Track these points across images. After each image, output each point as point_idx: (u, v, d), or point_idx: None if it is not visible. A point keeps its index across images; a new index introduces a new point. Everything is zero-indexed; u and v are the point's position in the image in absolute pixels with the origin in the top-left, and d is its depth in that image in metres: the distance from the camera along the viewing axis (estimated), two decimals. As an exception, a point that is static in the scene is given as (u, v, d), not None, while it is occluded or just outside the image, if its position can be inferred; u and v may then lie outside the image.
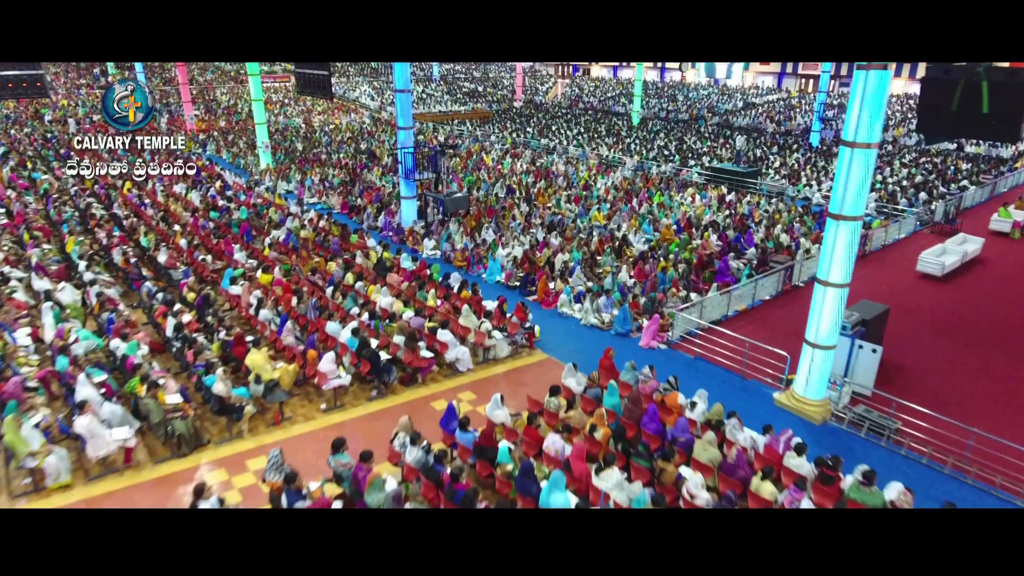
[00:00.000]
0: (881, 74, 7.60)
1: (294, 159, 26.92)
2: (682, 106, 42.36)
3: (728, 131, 35.45)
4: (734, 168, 22.56)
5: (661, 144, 30.50)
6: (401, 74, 15.76)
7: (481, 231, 16.57)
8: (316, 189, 21.36)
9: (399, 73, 15.76)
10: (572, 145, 30.75)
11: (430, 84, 52.11)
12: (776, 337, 11.41)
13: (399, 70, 15.74)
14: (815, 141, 30.80)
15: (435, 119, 39.92)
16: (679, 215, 18.25)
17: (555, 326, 11.96)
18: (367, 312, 10.20)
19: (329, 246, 14.23)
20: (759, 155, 27.83)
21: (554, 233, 16.07)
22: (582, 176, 23.72)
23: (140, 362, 8.05)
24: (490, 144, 31.02)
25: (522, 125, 37.61)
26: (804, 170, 24.80)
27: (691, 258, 14.85)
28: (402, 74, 15.75)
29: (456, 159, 26.51)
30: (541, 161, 26.67)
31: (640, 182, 22.69)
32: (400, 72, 15.74)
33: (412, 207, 17.05)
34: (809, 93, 45.74)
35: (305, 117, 38.20)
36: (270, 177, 23.33)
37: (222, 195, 18.69)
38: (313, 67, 19.58)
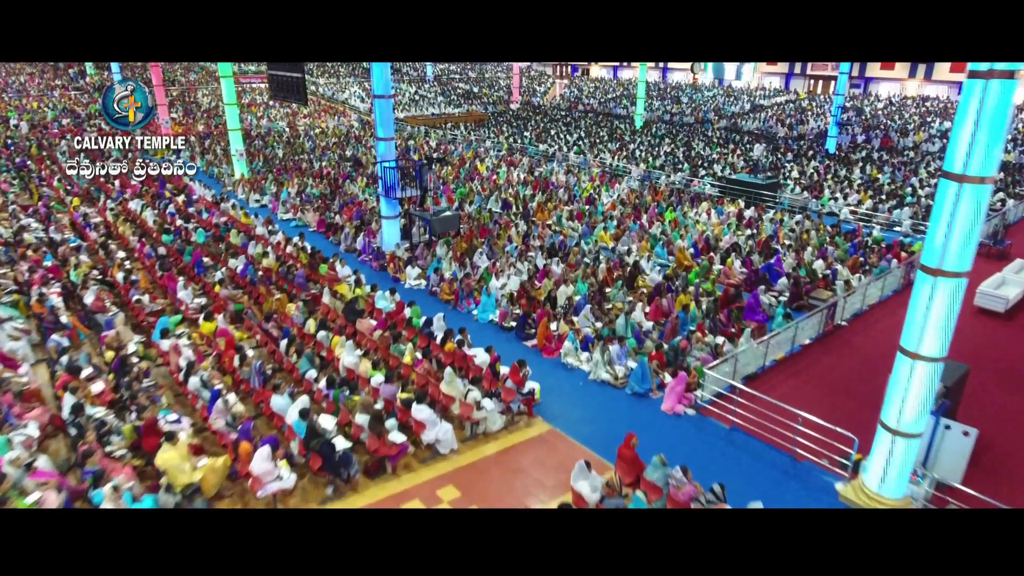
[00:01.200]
0: (1006, 85, 5.59)
1: (273, 167, 24.85)
2: (687, 108, 40.38)
3: (737, 135, 33.48)
4: (750, 179, 20.57)
5: (667, 150, 28.52)
6: (380, 77, 13.71)
7: (473, 256, 14.55)
8: (291, 203, 19.31)
9: (378, 76, 13.72)
10: (572, 151, 28.75)
11: (423, 85, 50.05)
12: (826, 396, 9.48)
13: (378, 72, 13.70)
14: (831, 147, 28.84)
15: (427, 122, 37.88)
16: (695, 235, 16.25)
17: (558, 382, 9.96)
18: (326, 378, 8.15)
19: (294, 279, 12.18)
20: (772, 163, 25.85)
21: (555, 259, 14.05)
22: (584, 187, 21.71)
23: (6, 470, 5.99)
24: (485, 151, 28.99)
25: (519, 129, 35.58)
26: (825, 180, 22.84)
27: (714, 291, 12.86)
28: (382, 77, 13.71)
29: (447, 167, 24.50)
30: (540, 170, 24.66)
31: (648, 195, 20.69)
32: (379, 74, 13.70)
33: (394, 228, 15.01)
34: (819, 95, 43.84)
35: (290, 120, 36.10)
36: (243, 189, 21.27)
37: (182, 213, 16.58)
38: (286, 68, 17.56)
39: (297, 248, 13.73)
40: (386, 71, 13.65)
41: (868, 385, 9.70)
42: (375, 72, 13.69)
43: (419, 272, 13.76)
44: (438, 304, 12.71)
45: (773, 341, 10.38)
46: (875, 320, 12.36)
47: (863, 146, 30.21)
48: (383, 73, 13.66)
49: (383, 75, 13.68)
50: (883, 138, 30.39)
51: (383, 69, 13.63)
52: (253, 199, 20.41)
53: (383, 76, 13.69)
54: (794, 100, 42.09)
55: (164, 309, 10.88)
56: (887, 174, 23.63)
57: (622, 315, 11.26)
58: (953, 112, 34.62)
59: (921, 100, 38.68)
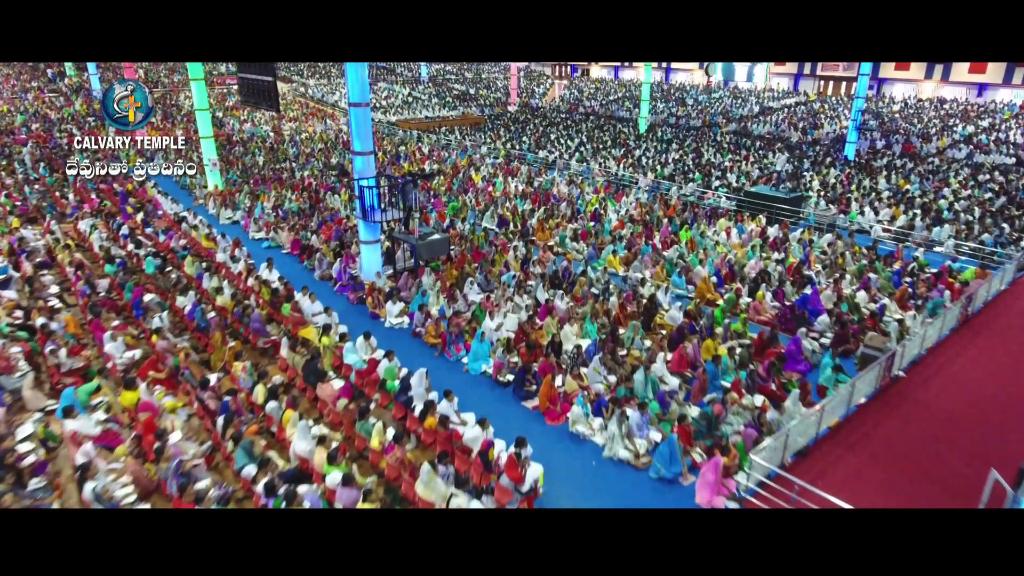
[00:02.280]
0: None
1: (250, 177, 22.95)
2: (692, 111, 38.53)
3: (747, 139, 31.63)
4: (771, 192, 18.70)
5: (676, 157, 26.65)
6: (356, 81, 11.82)
7: (464, 286, 12.69)
8: (265, 220, 17.41)
9: (353, 80, 11.83)
10: (574, 158, 26.87)
11: (417, 86, 48.16)
12: (896, 479, 7.64)
13: (353, 75, 11.81)
14: (850, 153, 27.01)
15: (421, 126, 35.98)
16: (716, 260, 14.39)
17: (566, 458, 8.10)
18: (264, 481, 6.25)
19: (249, 322, 10.27)
20: (795, 174, 24.02)
21: (559, 292, 12.18)
22: (589, 200, 19.85)
23: None
24: (480, 158, 27.11)
25: (517, 133, 33.70)
26: (849, 191, 21.01)
27: (745, 331, 11.02)
28: (358, 81, 11.82)
29: (440, 177, 22.61)
30: (539, 180, 22.78)
31: (660, 209, 18.83)
32: (355, 78, 11.81)
33: (374, 255, 13.13)
34: (829, 96, 42.03)
35: (275, 124, 34.17)
36: (214, 203, 19.37)
37: (134, 236, 14.64)
38: (256, 71, 15.68)
39: (259, 281, 11.81)
40: (362, 74, 11.77)
41: (947, 460, 7.91)
42: (350, 75, 11.81)
43: (401, 308, 11.88)
44: (422, 349, 10.83)
45: (829, 406, 8.52)
46: (937, 369, 10.50)
47: (883, 152, 28.39)
48: (359, 76, 11.77)
49: (359, 79, 11.79)
50: (904, 143, 28.58)
51: (359, 72, 11.75)
52: (224, 215, 18.50)
53: (359, 80, 11.81)
54: (804, 102, 40.30)
55: (88, 365, 8.99)
56: (915, 184, 21.80)
57: (640, 369, 9.39)
58: (974, 115, 32.85)
59: (939, 102, 36.89)
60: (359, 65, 11.69)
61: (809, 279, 13.24)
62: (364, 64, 11.76)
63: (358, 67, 11.71)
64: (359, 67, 11.71)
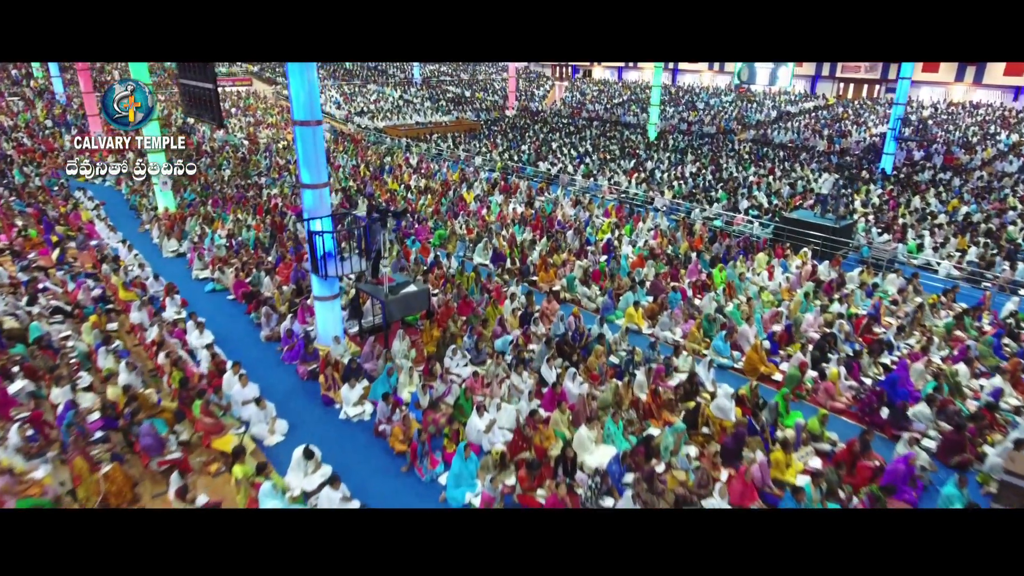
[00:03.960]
0: None
1: (210, 196, 20.06)
2: (705, 116, 35.68)
3: (767, 148, 28.76)
4: (813, 217, 15.81)
5: (694, 171, 23.79)
6: (301, 88, 8.91)
7: (446, 357, 9.81)
8: (214, 255, 14.53)
9: (297, 88, 8.92)
10: (579, 171, 24.00)
11: (409, 89, 45.26)
12: None
13: (298, 81, 8.89)
14: (888, 166, 24.17)
15: (411, 133, 33.08)
16: (764, 313, 11.54)
17: None
18: None
19: (137, 433, 7.33)
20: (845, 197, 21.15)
21: (570, 370, 9.28)
22: (600, 226, 16.97)
23: None
24: (474, 171, 24.19)
25: (515, 141, 30.81)
26: (895, 212, 18.17)
27: (822, 432, 8.17)
28: (303, 88, 8.91)
29: (427, 196, 19.73)
30: (540, 200, 19.90)
31: (683, 238, 15.96)
32: (299, 85, 8.88)
33: (331, 315, 10.23)
34: (848, 99, 39.22)
35: (250, 132, 31.23)
36: (159, 230, 16.47)
37: (32, 285, 11.64)
38: (195, 77, 12.80)
39: (171, 361, 8.87)
40: (310, 78, 8.86)
41: None
42: (293, 83, 8.88)
43: (362, 392, 8.99)
44: (386, 460, 7.96)
45: None
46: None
47: (921, 164, 25.57)
48: (306, 84, 8.87)
49: (306, 87, 8.89)
50: (945, 155, 25.75)
51: (305, 77, 8.83)
52: (168, 247, 15.59)
53: (306, 89, 8.91)
54: (823, 106, 37.49)
55: None
56: (973, 206, 18.95)
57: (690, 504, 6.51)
58: (1014, 121, 30.06)
59: (972, 107, 34.07)
60: (305, 68, 8.78)
61: (887, 344, 10.39)
62: (311, 66, 8.86)
63: (303, 70, 8.80)
64: (304, 70, 8.80)
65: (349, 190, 20.60)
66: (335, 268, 9.40)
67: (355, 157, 26.57)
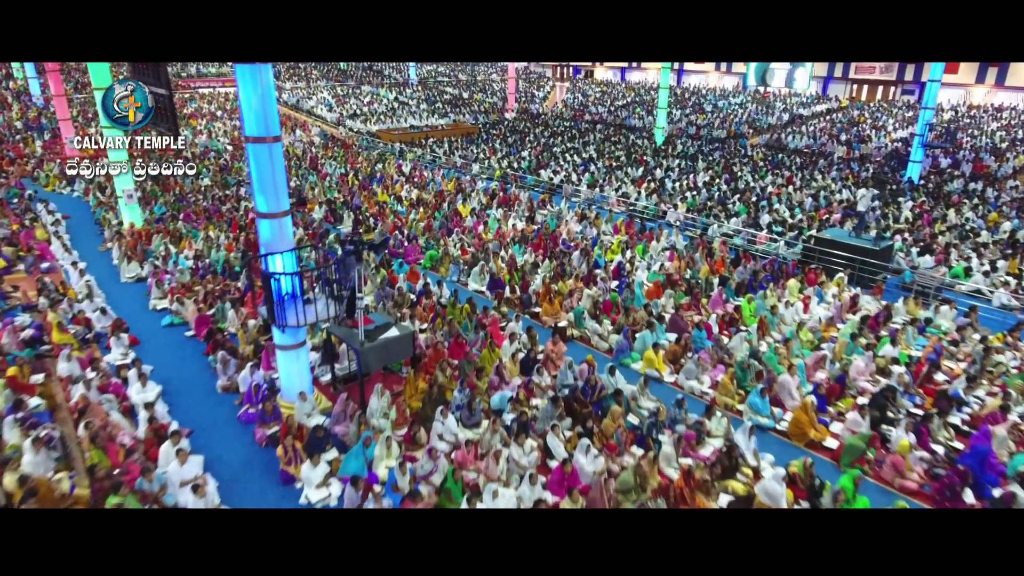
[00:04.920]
0: None
1: (183, 209, 18.42)
2: (714, 119, 34.04)
3: (782, 154, 27.12)
4: (849, 239, 14.15)
5: (707, 180, 22.15)
6: (252, 96, 7.26)
7: (434, 420, 8.16)
8: (177, 280, 12.89)
9: (248, 96, 7.27)
10: (584, 180, 22.36)
11: (404, 90, 43.60)
12: None
13: (248, 86, 7.24)
14: (914, 175, 22.53)
15: (405, 137, 31.44)
16: (807, 359, 9.89)
17: None
18: None
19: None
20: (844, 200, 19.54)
21: (584, 443, 7.61)
22: (609, 245, 15.32)
23: None
24: (470, 180, 22.54)
25: (515, 146, 29.16)
26: (931, 229, 16.54)
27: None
28: (255, 95, 7.26)
29: (419, 209, 18.09)
30: (543, 214, 18.26)
31: (702, 260, 14.32)
32: (250, 91, 7.23)
33: (296, 367, 8.56)
34: (861, 102, 37.60)
35: (234, 137, 29.58)
36: (120, 250, 14.81)
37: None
38: (149, 80, 11.16)
39: (90, 435, 7.18)
40: (263, 81, 7.22)
41: None
42: (243, 89, 7.23)
43: (328, 470, 7.34)
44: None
45: None
46: None
47: (949, 172, 23.95)
48: (258, 88, 7.22)
49: (258, 92, 7.24)
50: (974, 162, 24.13)
51: (257, 81, 7.18)
52: (128, 271, 13.94)
53: (259, 97, 7.26)
54: (837, 108, 35.91)
55: None
56: (1016, 221, 17.32)
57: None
58: (1041, 125, 28.46)
59: (994, 110, 32.48)
60: (256, 70, 7.12)
61: (956, 400, 8.76)
62: (266, 67, 7.22)
63: (255, 74, 7.14)
64: (257, 73, 7.14)
65: (335, 202, 18.96)
66: (296, 316, 7.73)
67: (344, 164, 24.92)
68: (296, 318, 7.70)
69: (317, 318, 7.86)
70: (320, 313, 7.92)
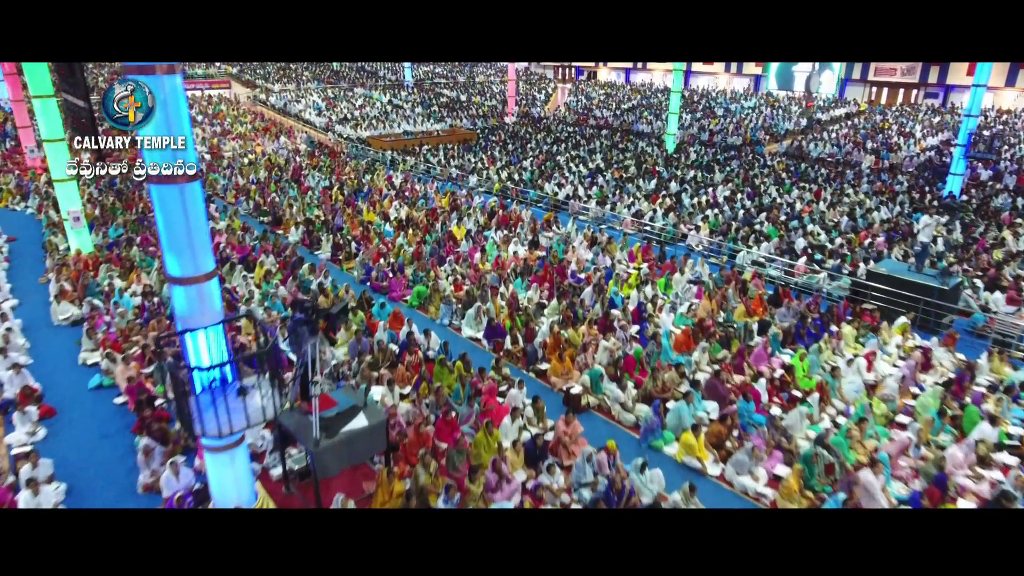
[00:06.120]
0: None
1: (142, 231, 16.37)
2: (727, 124, 31.97)
3: (804, 163, 25.04)
4: (909, 275, 12.06)
5: (727, 194, 20.08)
6: (157, 114, 5.21)
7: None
8: (116, 327, 10.84)
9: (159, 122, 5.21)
10: (591, 193, 20.30)
11: (399, 93, 41.53)
12: None
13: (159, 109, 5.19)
14: (956, 188, 20.46)
15: (397, 144, 29.36)
16: (883, 442, 7.84)
17: None
18: None
19: None
20: (885, 219, 17.47)
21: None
22: (627, 278, 13.23)
23: None
24: (466, 195, 20.45)
25: (515, 155, 27.09)
26: (989, 257, 14.48)
27: None
28: (159, 113, 5.23)
29: (409, 231, 16.03)
30: (548, 238, 16.19)
31: (735, 298, 12.25)
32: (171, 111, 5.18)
33: (232, 472, 6.45)
34: (881, 105, 35.52)
35: (212, 144, 27.49)
36: (57, 282, 12.75)
37: None
38: (69, 90, 9.13)
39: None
40: (164, 91, 5.19)
41: None
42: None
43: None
44: None
45: None
46: None
47: (991, 185, 21.91)
48: (175, 101, 5.19)
49: (161, 114, 5.20)
50: (1018, 174, 22.08)
51: (159, 88, 5.14)
52: (61, 312, 11.87)
53: (176, 114, 5.23)
54: (855, 112, 33.85)
55: None
56: (1084, 245, 15.27)
57: None
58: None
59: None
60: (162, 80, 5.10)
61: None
62: (175, 78, 5.21)
63: (159, 85, 5.11)
64: (161, 84, 5.11)
65: (313, 222, 16.89)
66: (220, 421, 5.62)
67: (330, 176, 22.85)
68: (219, 424, 5.60)
69: (250, 423, 5.76)
70: (254, 416, 5.81)
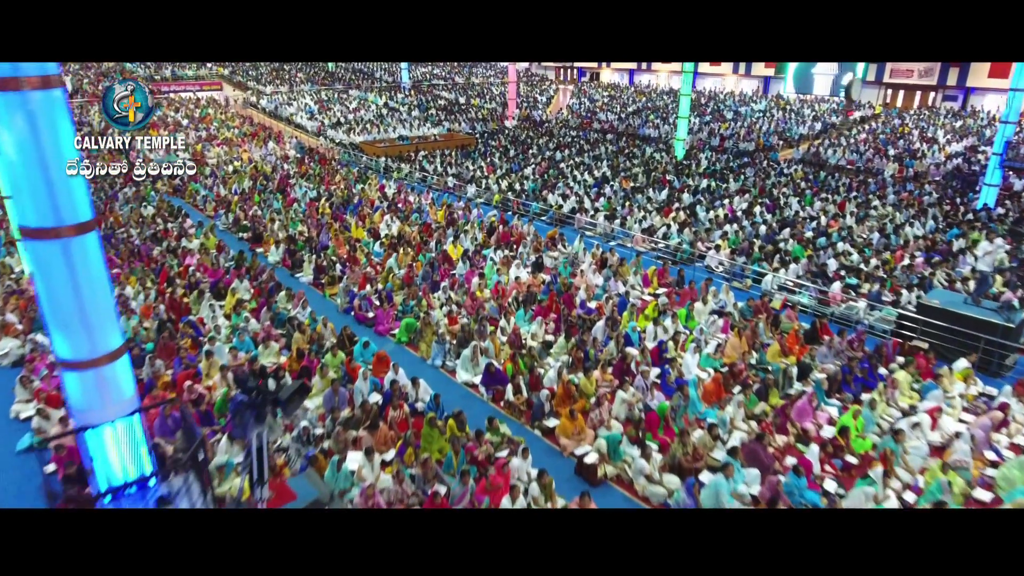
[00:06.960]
0: None
1: (108, 250, 14.94)
2: (738, 128, 30.53)
3: (824, 173, 23.56)
4: (967, 309, 10.60)
5: (744, 207, 18.64)
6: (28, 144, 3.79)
7: None
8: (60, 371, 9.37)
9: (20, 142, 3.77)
10: (599, 205, 18.86)
11: (396, 95, 40.07)
12: None
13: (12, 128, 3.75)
14: (991, 200, 19.02)
15: (392, 150, 27.92)
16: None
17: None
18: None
19: None
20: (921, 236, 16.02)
21: None
22: (643, 308, 11.76)
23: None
24: (463, 208, 18.99)
25: (516, 162, 25.63)
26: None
27: None
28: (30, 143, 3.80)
29: (400, 250, 14.59)
30: (553, 259, 14.73)
31: (767, 333, 10.81)
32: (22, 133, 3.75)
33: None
34: (897, 108, 34.07)
35: (196, 151, 26.06)
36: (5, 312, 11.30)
37: None
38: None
39: None
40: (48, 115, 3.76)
41: None
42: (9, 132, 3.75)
43: None
44: None
45: None
46: None
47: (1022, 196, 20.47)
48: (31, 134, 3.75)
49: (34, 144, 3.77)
50: (1055, 183, 20.64)
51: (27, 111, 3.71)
52: (4, 347, 10.43)
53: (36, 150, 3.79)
54: (870, 115, 32.38)
55: None
56: None
57: None
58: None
59: (1054, 119, 28.87)
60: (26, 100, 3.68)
61: None
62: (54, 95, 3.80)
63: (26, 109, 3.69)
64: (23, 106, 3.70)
65: (295, 239, 15.46)
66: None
67: (318, 185, 21.41)
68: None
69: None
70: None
